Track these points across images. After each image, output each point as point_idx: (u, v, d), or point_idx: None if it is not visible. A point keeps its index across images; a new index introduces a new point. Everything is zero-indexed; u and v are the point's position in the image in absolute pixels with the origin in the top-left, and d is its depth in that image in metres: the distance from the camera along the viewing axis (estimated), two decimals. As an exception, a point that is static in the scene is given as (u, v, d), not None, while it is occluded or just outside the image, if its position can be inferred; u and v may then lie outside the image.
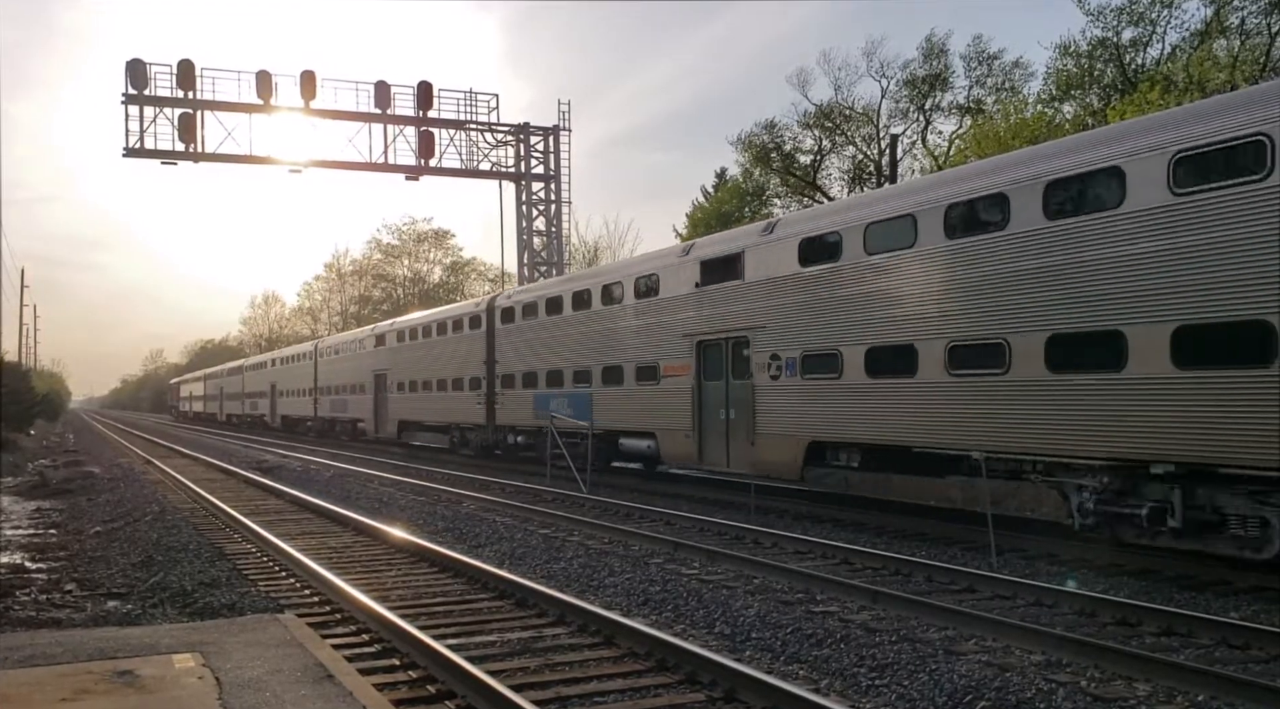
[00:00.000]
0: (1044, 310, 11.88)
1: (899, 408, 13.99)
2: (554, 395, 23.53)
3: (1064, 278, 11.60)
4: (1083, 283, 11.36)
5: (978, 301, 12.74)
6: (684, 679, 7.21)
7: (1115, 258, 10.99)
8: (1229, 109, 10.38)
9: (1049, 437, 11.90)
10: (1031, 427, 12.10)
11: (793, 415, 16.04)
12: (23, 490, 23.98)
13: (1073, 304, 11.49)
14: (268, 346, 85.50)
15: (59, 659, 7.09)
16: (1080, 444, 11.48)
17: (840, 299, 15.12)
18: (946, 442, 13.28)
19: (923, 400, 13.57)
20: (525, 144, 39.88)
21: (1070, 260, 11.53)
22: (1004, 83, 42.54)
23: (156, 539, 14.23)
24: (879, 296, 14.34)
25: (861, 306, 14.66)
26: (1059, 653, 7.77)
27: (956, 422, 13.07)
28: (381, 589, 10.45)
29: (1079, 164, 11.67)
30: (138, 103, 34.66)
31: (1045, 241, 11.88)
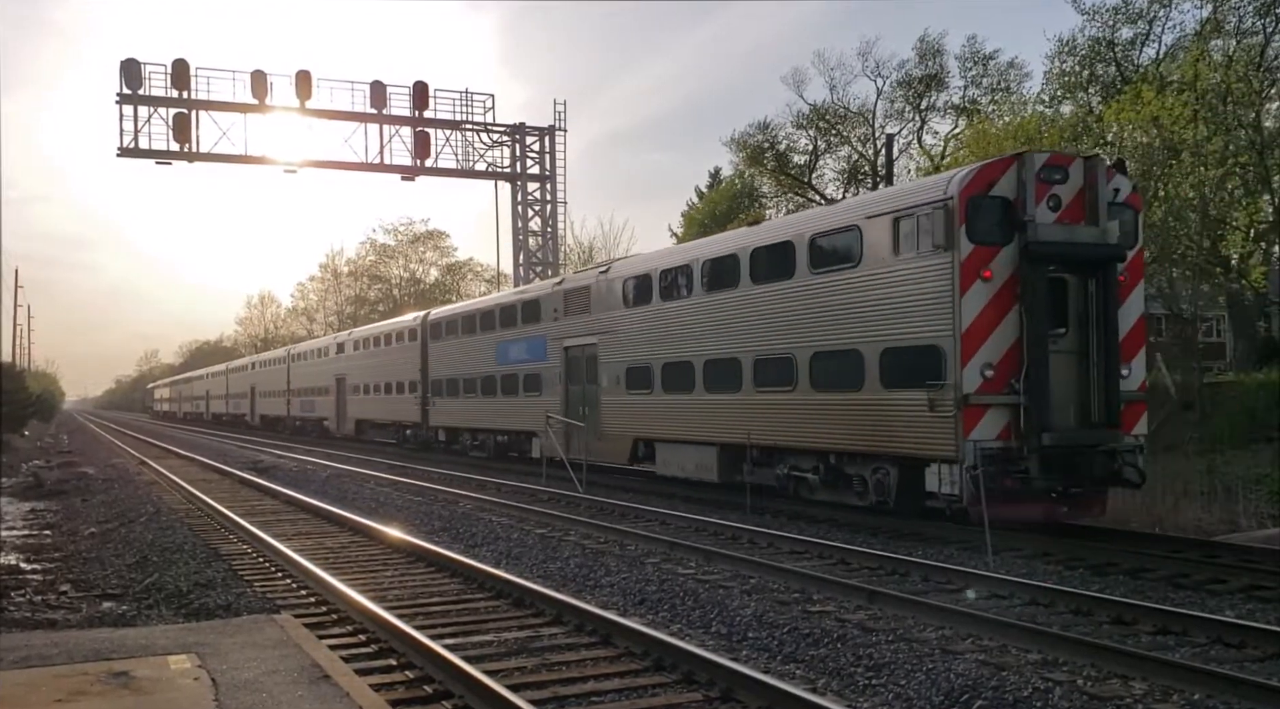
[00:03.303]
0: (757, 339, 16.54)
1: (683, 413, 18.70)
2: (467, 398, 28.66)
3: (808, 312, 15.46)
4: (830, 314, 15.01)
5: (723, 333, 17.40)
6: (681, 679, 7.21)
7: (884, 293, 14.09)
8: (915, 191, 14.14)
9: (787, 431, 15.91)
10: (766, 426, 16.26)
11: (623, 418, 20.68)
12: (17, 491, 23.91)
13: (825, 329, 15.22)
14: (263, 347, 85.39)
15: (54, 660, 7.08)
16: (818, 437, 15.38)
17: (649, 328, 19.61)
18: (719, 436, 17.68)
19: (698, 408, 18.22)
20: (521, 144, 39.83)
21: (815, 299, 15.31)
22: (999, 83, 42.62)
23: (151, 540, 14.20)
24: (671, 328, 18.97)
25: (660, 336, 19.27)
26: (1055, 652, 7.78)
27: (718, 422, 17.57)
28: (378, 589, 10.44)
29: (847, 218, 14.96)
30: (132, 102, 34.54)
31: (779, 294, 16.13)
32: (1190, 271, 22.16)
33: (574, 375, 22.63)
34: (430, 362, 31.37)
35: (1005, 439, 12.73)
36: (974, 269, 12.81)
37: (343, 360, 41.14)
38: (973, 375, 12.74)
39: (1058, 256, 13.11)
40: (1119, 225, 13.45)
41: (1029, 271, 12.84)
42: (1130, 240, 13.76)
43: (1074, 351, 13.38)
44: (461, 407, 29.28)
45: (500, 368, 26.29)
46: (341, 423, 41.13)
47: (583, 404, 22.12)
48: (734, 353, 17.13)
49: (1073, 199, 13.32)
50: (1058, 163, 13.52)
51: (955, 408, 12.75)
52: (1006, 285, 12.90)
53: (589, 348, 21.78)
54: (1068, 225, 13.20)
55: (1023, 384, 12.70)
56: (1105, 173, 13.51)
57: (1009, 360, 12.82)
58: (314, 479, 24.19)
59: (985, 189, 13.01)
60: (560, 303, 23.19)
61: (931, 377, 13.13)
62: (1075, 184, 13.40)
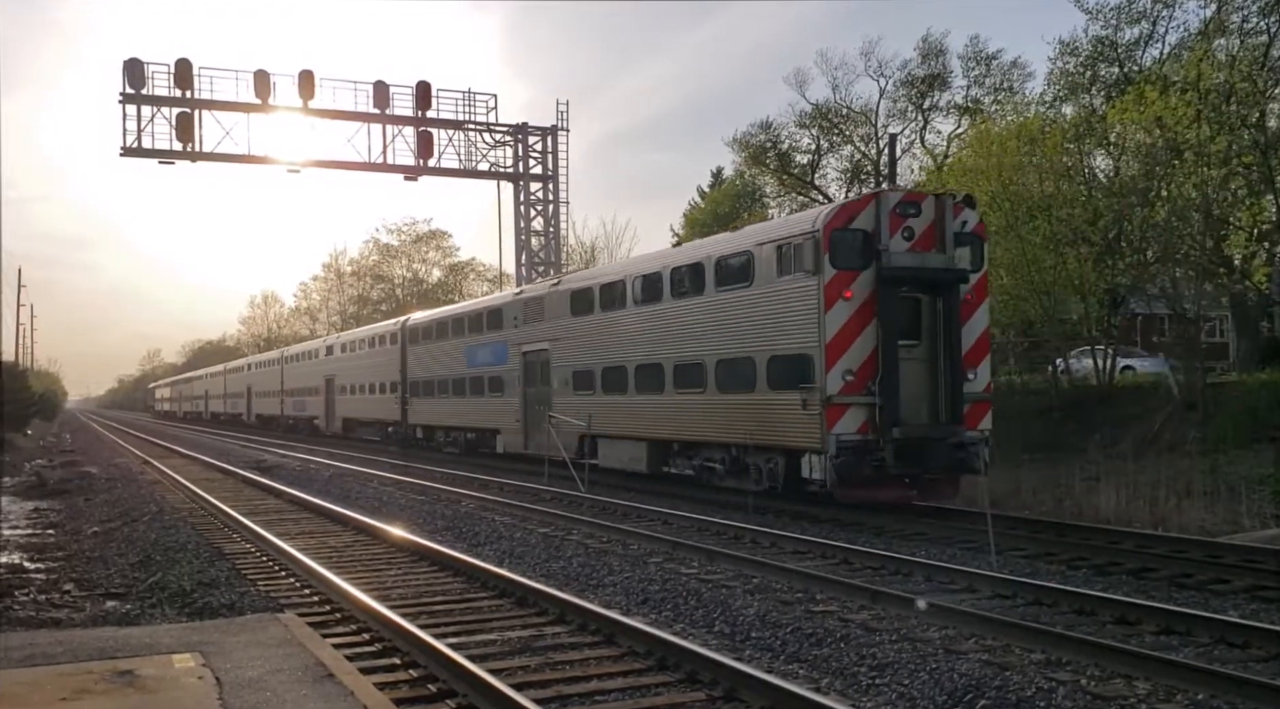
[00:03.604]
0: (666, 348, 18.90)
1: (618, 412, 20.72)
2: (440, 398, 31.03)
3: (714, 324, 17.62)
4: (734, 325, 17.08)
5: (650, 342, 19.55)
6: (684, 678, 7.21)
7: (768, 309, 16.36)
8: (793, 224, 16.79)
9: (700, 427, 18.22)
10: (704, 422, 18.08)
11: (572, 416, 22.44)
12: (20, 490, 23.94)
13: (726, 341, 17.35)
14: (266, 347, 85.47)
15: (58, 659, 7.09)
16: (722, 433, 17.49)
17: (592, 336, 21.73)
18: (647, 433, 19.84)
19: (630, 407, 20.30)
20: (523, 144, 39.80)
21: (719, 314, 17.49)
22: (1002, 83, 42.59)
23: (155, 539, 14.22)
24: (609, 337, 21.00)
25: (600, 344, 21.34)
26: (1059, 651, 7.78)
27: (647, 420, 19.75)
28: (381, 588, 10.44)
29: (741, 245, 17.30)
30: (135, 102, 34.51)
31: (692, 308, 18.35)
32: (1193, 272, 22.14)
33: (531, 378, 24.77)
34: (409, 364, 33.61)
35: (864, 433, 14.94)
36: (837, 290, 15.12)
37: (332, 362, 43.44)
38: (835, 379, 14.98)
39: (909, 279, 15.34)
40: (966, 252, 15.85)
41: (884, 292, 15.15)
42: (976, 265, 16.09)
43: (925, 360, 15.61)
44: (436, 406, 31.56)
45: (469, 370, 28.57)
46: (330, 421, 43.30)
47: (539, 403, 24.24)
48: (658, 359, 19.24)
49: (924, 231, 15.54)
50: (912, 200, 15.77)
51: (821, 407, 14.98)
52: (865, 304, 15.17)
53: (543, 353, 24.06)
54: (919, 253, 15.44)
55: (878, 387, 14.94)
56: (954, 208, 15.74)
57: (867, 367, 15.06)
58: (317, 478, 24.21)
59: (846, 223, 15.38)
60: (520, 311, 25.52)
61: (803, 380, 15.34)
62: (927, 218, 15.61)
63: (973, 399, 15.71)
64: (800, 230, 15.79)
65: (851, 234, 15.34)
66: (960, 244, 15.78)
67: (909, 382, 15.33)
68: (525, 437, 24.85)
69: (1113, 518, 15.34)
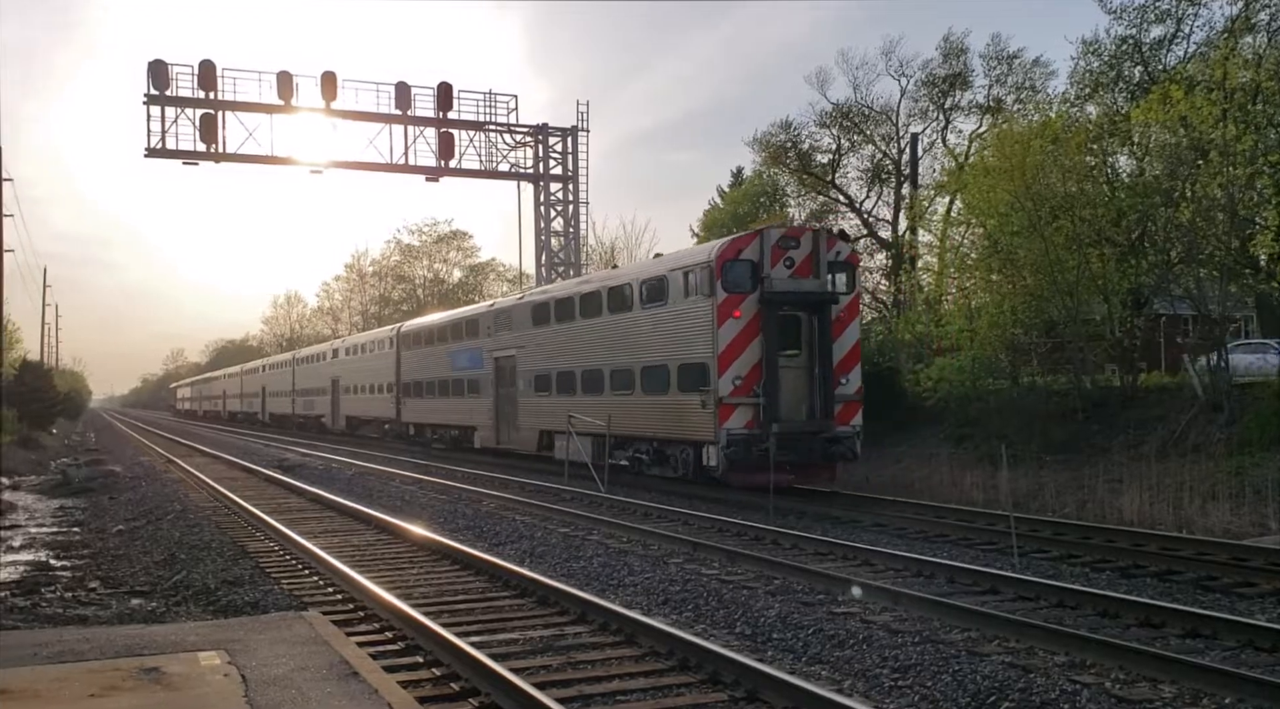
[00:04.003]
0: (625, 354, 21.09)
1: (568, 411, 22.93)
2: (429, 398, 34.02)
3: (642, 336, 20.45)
4: (654, 337, 19.93)
5: (592, 350, 22.42)
6: (706, 679, 7.22)
7: (678, 326, 19.23)
8: (693, 255, 19.62)
9: (631, 424, 20.74)
10: (631, 419, 20.72)
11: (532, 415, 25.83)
12: (45, 489, 24.19)
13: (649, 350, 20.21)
14: (288, 346, 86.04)
15: (86, 655, 7.16)
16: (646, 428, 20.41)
17: (548, 345, 24.69)
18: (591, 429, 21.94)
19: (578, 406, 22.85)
20: (544, 145, 39.86)
21: (643, 328, 20.37)
22: (1024, 81, 42.28)
23: (179, 537, 14.34)
24: (561, 345, 24.03)
25: (554, 351, 24.31)
26: (1083, 654, 7.73)
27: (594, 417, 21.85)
28: (404, 587, 10.49)
29: (657, 271, 20.38)
30: (159, 103, 34.73)
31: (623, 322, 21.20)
32: (1218, 272, 21.93)
33: (501, 380, 27.66)
34: (402, 367, 36.60)
35: (750, 428, 17.78)
36: (727, 310, 17.96)
37: (337, 364, 46.55)
38: (726, 384, 17.80)
39: (789, 301, 18.17)
40: (841, 278, 18.85)
41: (767, 312, 17.97)
42: (848, 288, 18.97)
43: (804, 367, 18.52)
44: (425, 405, 34.55)
45: (452, 373, 31.60)
46: (335, 419, 46.54)
47: (508, 403, 27.22)
48: (599, 365, 22.17)
49: (803, 260, 18.35)
50: (792, 235, 18.75)
51: (715, 406, 17.84)
52: (752, 321, 17.97)
53: (511, 358, 26.97)
54: (797, 279, 18.26)
55: (762, 390, 17.77)
56: (828, 241, 18.84)
57: (753, 373, 17.90)
58: (339, 477, 24.33)
59: (736, 255, 18.23)
60: (492, 321, 28.52)
61: (702, 384, 18.23)
62: (805, 250, 18.40)
63: (844, 400, 18.51)
64: (699, 260, 18.82)
65: (740, 264, 18.20)
66: (834, 271, 18.68)
67: (789, 385, 18.24)
68: (497, 433, 28.08)
69: (1136, 520, 15.24)
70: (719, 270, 18.07)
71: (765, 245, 18.10)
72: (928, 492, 19.84)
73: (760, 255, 18.11)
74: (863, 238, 48.04)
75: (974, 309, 25.28)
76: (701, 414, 18.27)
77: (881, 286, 47.61)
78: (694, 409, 18.54)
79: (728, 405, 17.79)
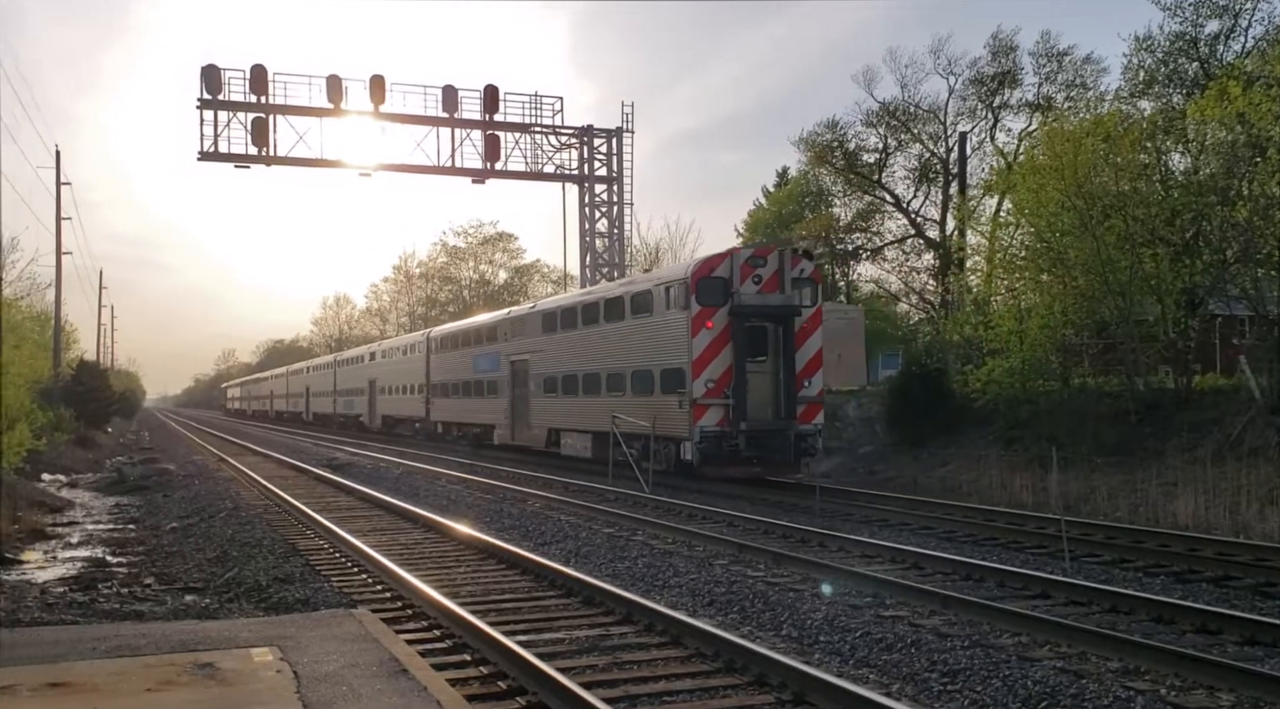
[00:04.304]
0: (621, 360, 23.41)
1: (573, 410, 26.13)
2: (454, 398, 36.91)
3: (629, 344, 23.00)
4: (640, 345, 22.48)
5: (591, 356, 24.89)
6: (752, 681, 7.20)
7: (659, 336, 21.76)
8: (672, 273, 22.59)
9: (625, 423, 22.11)
10: (629, 417, 22.10)
11: (542, 414, 28.32)
12: (102, 486, 24.71)
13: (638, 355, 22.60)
14: (337, 347, 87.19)
15: (143, 650, 7.30)
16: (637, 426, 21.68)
17: (555, 350, 27.18)
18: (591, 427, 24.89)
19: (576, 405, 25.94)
20: (588, 146, 39.98)
21: (633, 336, 22.92)
22: (1075, 79, 41.73)
23: (231, 535, 14.56)
24: (566, 351, 26.58)
25: (560, 356, 26.85)
26: (1137, 660, 7.60)
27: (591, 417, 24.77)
28: (451, 585, 10.57)
29: (644, 286, 22.98)
30: (212, 107, 35.30)
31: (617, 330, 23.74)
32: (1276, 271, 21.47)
33: (516, 382, 30.04)
34: (431, 369, 39.36)
35: (721, 426, 19.99)
36: (701, 321, 20.22)
37: (374, 367, 49.63)
38: (700, 386, 20.10)
39: (756, 313, 20.43)
40: (805, 293, 21.05)
41: (736, 323, 20.27)
42: (811, 301, 21.16)
43: (771, 372, 20.77)
44: (451, 405, 37.23)
45: (474, 375, 34.18)
46: (373, 418, 49.34)
47: (522, 403, 29.55)
48: (597, 369, 24.48)
49: (770, 277, 20.62)
50: (760, 254, 21.03)
51: (690, 406, 20.08)
52: (723, 331, 20.26)
53: (524, 362, 29.39)
54: (764, 294, 20.53)
55: (732, 392, 19.96)
56: (793, 259, 20.93)
57: (724, 377, 20.14)
58: (387, 477, 24.58)
59: (709, 272, 20.56)
60: (509, 328, 31.14)
61: (680, 387, 20.49)
62: (772, 267, 20.63)
63: (807, 401, 20.76)
64: (678, 276, 21.32)
65: (712, 280, 20.51)
66: (799, 286, 20.90)
67: (757, 388, 20.44)
68: (512, 430, 30.51)
69: (1191, 524, 14.96)
70: (694, 286, 20.46)
71: (735, 264, 20.51)
72: (976, 494, 19.63)
73: (731, 272, 20.43)
74: (910, 237, 47.74)
75: (1023, 310, 24.95)
76: (679, 413, 20.54)
77: (929, 287, 47.21)
78: (673, 409, 20.81)
79: (701, 406, 20.08)
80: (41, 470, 26.38)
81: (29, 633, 8.23)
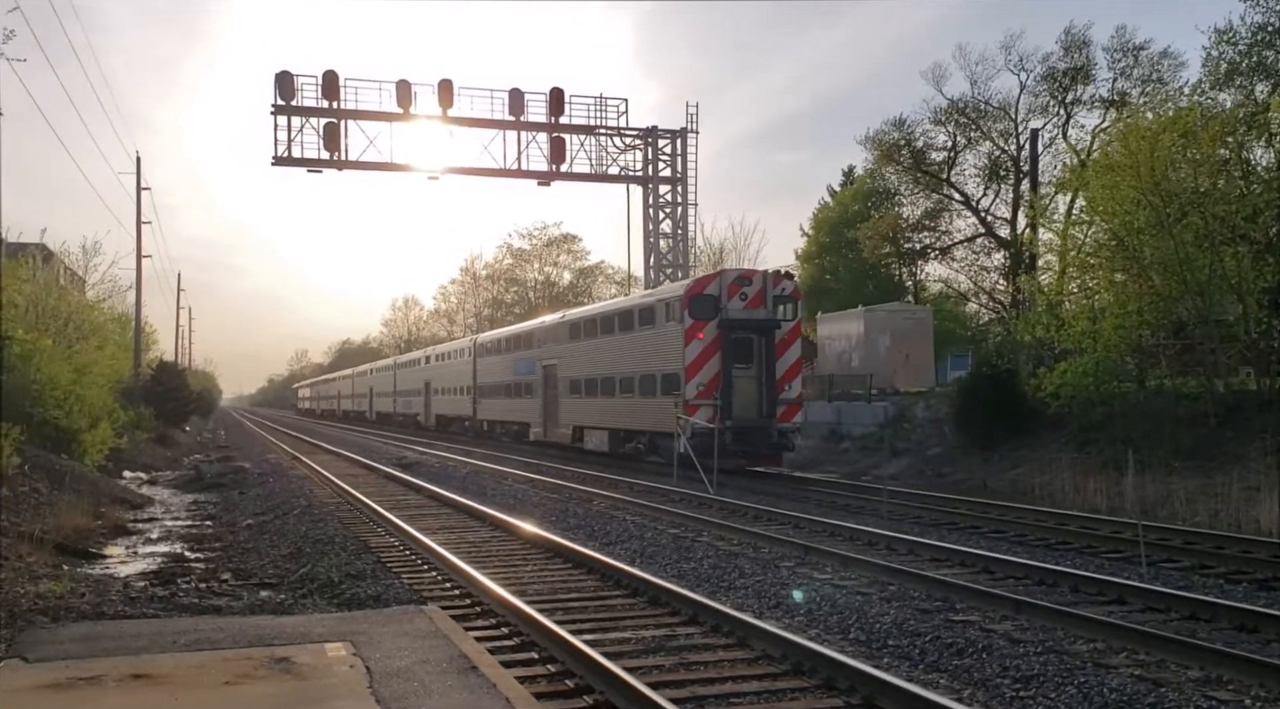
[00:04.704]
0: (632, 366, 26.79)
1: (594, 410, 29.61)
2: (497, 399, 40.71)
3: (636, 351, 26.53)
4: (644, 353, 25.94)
5: (607, 361, 28.34)
6: (820, 684, 7.15)
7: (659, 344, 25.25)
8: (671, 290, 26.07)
9: (634, 422, 26.75)
10: (632, 417, 26.69)
11: (568, 413, 31.66)
12: (180, 484, 25.35)
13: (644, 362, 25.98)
14: (406, 348, 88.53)
15: (221, 645, 7.48)
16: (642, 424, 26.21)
17: (580, 356, 30.58)
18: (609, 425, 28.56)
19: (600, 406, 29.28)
20: (653, 147, 40.04)
21: (639, 345, 26.41)
22: (1151, 74, 40.66)
23: (304, 532, 14.84)
24: (588, 357, 30.00)
25: (584, 362, 30.23)
26: (1219, 669, 7.40)
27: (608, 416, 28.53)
28: (519, 583, 10.66)
29: (649, 301, 26.74)
30: (285, 113, 36.04)
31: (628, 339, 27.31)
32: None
33: (548, 385, 33.24)
34: (478, 372, 43.20)
35: (711, 423, 22.49)
36: (693, 333, 23.33)
37: (429, 369, 54.01)
38: (692, 389, 23.20)
39: (742, 326, 23.55)
40: (786, 308, 24.33)
41: (724, 334, 23.41)
42: (790, 316, 24.41)
43: (755, 377, 23.76)
44: (494, 404, 41.03)
45: (513, 378, 37.74)
46: (428, 417, 53.54)
47: (553, 404, 32.78)
48: (611, 373, 27.91)
49: (755, 295, 23.85)
50: (746, 276, 24.38)
51: (683, 406, 23.08)
52: (713, 341, 23.40)
53: (554, 367, 32.66)
54: (749, 309, 23.74)
55: (720, 394, 22.93)
56: (775, 279, 24.32)
57: (714, 381, 23.20)
58: (455, 475, 24.87)
59: (700, 291, 23.89)
60: (542, 335, 34.81)
61: (675, 389, 23.65)
62: (757, 286, 23.93)
63: (787, 403, 23.85)
64: (674, 295, 24.71)
65: (704, 298, 23.70)
66: (780, 303, 24.16)
67: (742, 391, 23.38)
68: (545, 428, 33.81)
69: (1276, 530, 14.50)
70: (687, 302, 23.67)
71: (724, 283, 23.88)
72: (1048, 498, 19.25)
73: (720, 291, 23.69)
74: (979, 236, 46.95)
75: (1097, 310, 24.41)
76: (675, 412, 23.45)
77: (999, 287, 46.38)
78: (670, 409, 23.78)
79: (692, 406, 23.12)
80: (123, 468, 27.17)
81: (113, 626, 8.48)
